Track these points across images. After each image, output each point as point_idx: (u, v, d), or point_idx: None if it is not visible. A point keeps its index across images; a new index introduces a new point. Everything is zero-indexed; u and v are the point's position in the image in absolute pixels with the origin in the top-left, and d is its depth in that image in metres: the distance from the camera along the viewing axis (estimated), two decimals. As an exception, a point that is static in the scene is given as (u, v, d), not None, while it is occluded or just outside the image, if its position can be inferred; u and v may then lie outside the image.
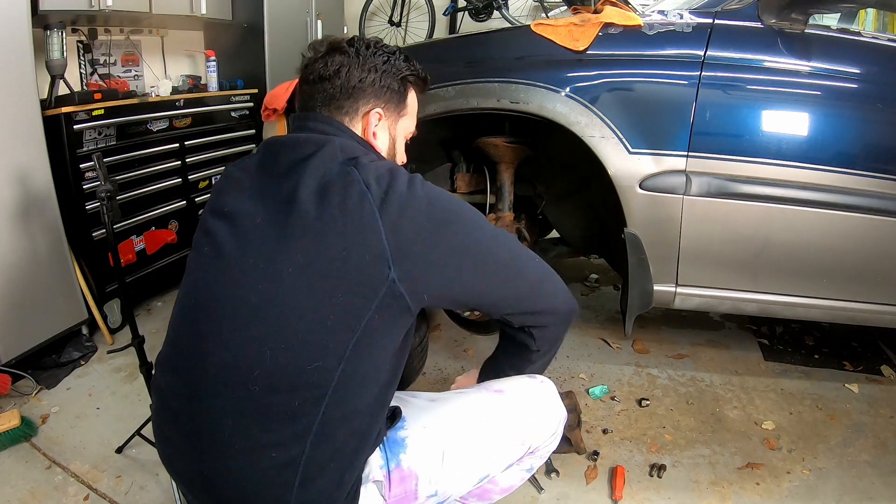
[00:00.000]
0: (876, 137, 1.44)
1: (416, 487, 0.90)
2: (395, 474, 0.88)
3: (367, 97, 0.96)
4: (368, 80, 0.96)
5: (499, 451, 0.96)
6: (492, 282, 0.88)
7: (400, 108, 1.01)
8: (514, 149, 1.73)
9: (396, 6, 4.15)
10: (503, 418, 0.98)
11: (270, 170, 0.89)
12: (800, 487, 1.41)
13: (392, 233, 0.79)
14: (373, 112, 0.97)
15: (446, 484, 0.92)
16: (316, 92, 0.95)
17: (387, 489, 0.88)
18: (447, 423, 0.95)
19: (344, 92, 0.94)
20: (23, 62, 1.68)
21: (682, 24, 1.43)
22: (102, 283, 2.06)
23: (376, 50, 0.97)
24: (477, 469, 0.95)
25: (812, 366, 1.94)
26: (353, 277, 0.78)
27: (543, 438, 1.02)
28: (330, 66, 0.94)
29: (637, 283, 1.53)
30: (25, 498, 1.35)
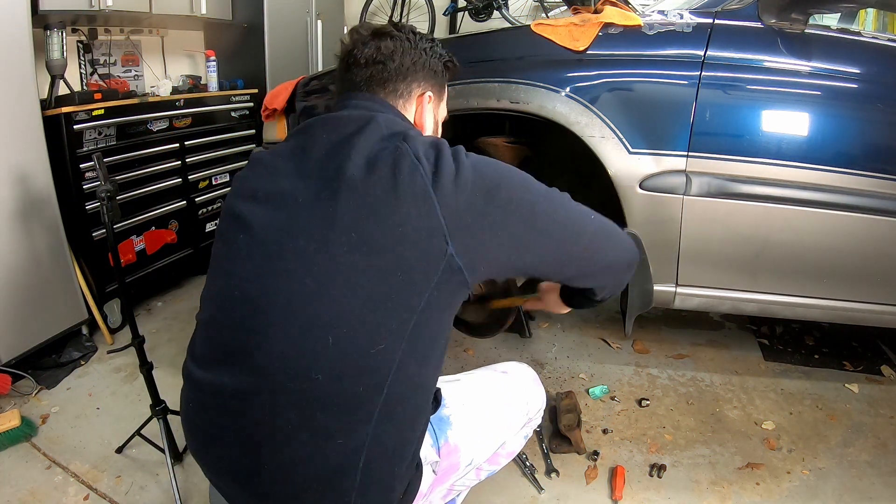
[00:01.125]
0: (876, 137, 1.44)
1: (460, 459, 0.96)
2: (444, 450, 0.94)
3: (419, 79, 0.98)
4: (420, 63, 0.98)
5: (511, 420, 1.06)
6: (548, 244, 0.86)
7: (442, 91, 1.06)
8: (514, 149, 1.73)
9: (396, 6, 4.15)
10: (512, 393, 1.08)
11: (310, 150, 0.85)
12: (800, 487, 1.41)
13: (446, 206, 0.76)
14: (426, 94, 1.00)
15: (479, 451, 1.01)
16: (369, 74, 0.94)
17: (438, 465, 0.93)
18: (477, 400, 1.03)
19: (400, 74, 0.96)
20: (23, 62, 1.68)
21: (682, 24, 1.43)
22: (102, 283, 2.06)
23: (421, 35, 1.00)
24: (499, 436, 1.04)
25: (812, 366, 1.94)
26: (411, 254, 0.75)
27: (536, 409, 1.13)
28: (384, 50, 0.94)
29: (637, 283, 1.53)
30: (25, 498, 1.35)
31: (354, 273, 0.75)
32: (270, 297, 0.78)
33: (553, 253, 0.87)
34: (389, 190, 0.76)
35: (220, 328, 0.84)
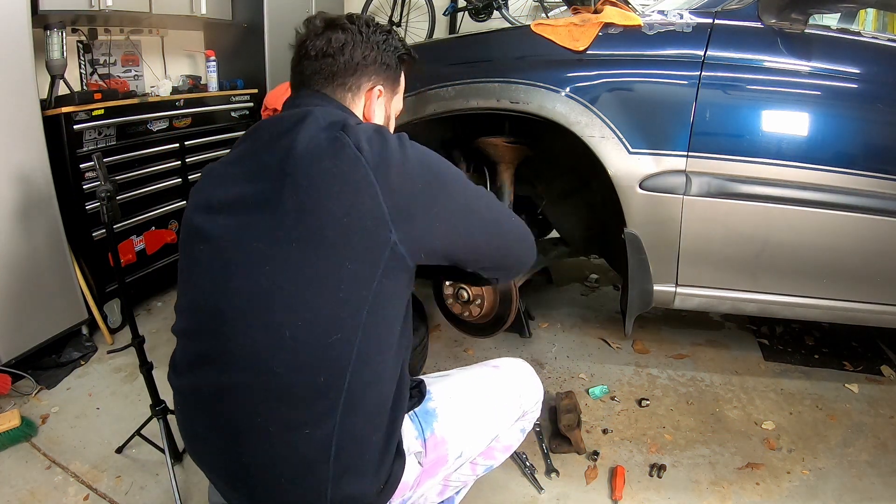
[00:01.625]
0: (876, 137, 1.44)
1: (447, 452, 0.97)
2: (429, 442, 0.95)
3: (370, 74, 0.98)
4: (371, 57, 0.97)
5: (503, 413, 1.06)
6: (478, 238, 0.91)
7: (395, 85, 1.04)
8: (513, 149, 1.73)
9: (396, 6, 4.15)
10: (503, 386, 1.08)
11: (255, 152, 0.87)
12: (800, 487, 1.41)
13: (388, 194, 0.78)
14: (375, 89, 0.99)
15: (469, 444, 1.01)
16: (318, 68, 0.95)
17: (424, 457, 0.94)
18: (465, 393, 1.04)
19: (348, 68, 0.95)
20: (23, 62, 1.68)
21: (682, 24, 1.43)
22: (102, 283, 2.06)
23: (376, 28, 0.99)
24: (490, 429, 1.04)
25: (812, 366, 1.94)
26: (358, 244, 0.78)
27: (532, 403, 1.13)
28: (334, 43, 0.94)
29: (637, 283, 1.53)
30: (25, 498, 1.35)
31: (304, 267, 0.78)
32: (231, 301, 0.81)
33: (479, 246, 0.93)
34: (332, 182, 0.77)
35: (193, 336, 0.88)
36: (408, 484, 0.91)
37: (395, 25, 4.19)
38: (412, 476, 0.92)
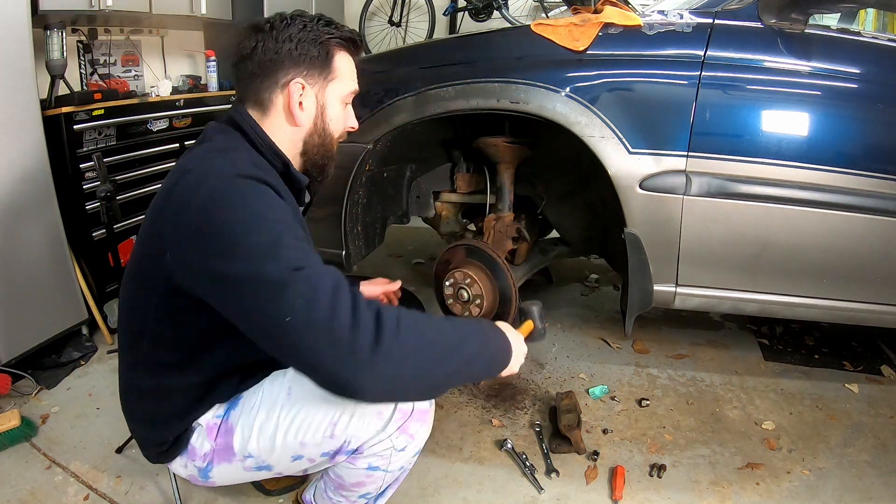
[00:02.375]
0: (876, 137, 1.44)
1: (233, 443, 0.99)
2: (222, 425, 1.00)
3: (286, 68, 0.97)
4: (284, 51, 0.96)
5: (303, 436, 0.94)
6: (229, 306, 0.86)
7: (325, 73, 1.00)
8: (513, 149, 1.73)
9: (396, 6, 4.15)
10: (312, 403, 0.94)
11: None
12: (800, 487, 1.41)
13: (170, 221, 0.85)
14: (293, 83, 0.97)
15: (257, 450, 0.97)
16: (239, 72, 0.99)
17: (212, 436, 1.00)
18: (268, 395, 1.00)
19: (262, 68, 0.97)
20: (23, 62, 1.68)
21: (682, 24, 1.43)
22: (102, 283, 2.06)
23: (291, 21, 0.98)
24: (284, 447, 0.95)
25: (812, 366, 1.94)
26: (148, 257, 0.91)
27: (365, 435, 0.93)
28: (247, 45, 0.97)
29: (637, 283, 1.53)
30: (25, 498, 1.35)
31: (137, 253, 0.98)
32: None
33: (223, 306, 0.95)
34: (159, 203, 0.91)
35: None
36: (197, 451, 1.01)
37: (395, 26, 4.19)
38: (202, 448, 1.01)
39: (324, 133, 1.03)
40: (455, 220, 2.08)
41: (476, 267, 1.70)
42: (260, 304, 0.74)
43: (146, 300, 0.92)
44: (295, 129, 1.00)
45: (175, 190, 0.86)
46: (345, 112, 1.06)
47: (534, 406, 1.71)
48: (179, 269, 0.84)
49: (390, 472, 0.99)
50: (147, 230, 0.94)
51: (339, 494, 1.06)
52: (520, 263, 1.97)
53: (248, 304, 0.75)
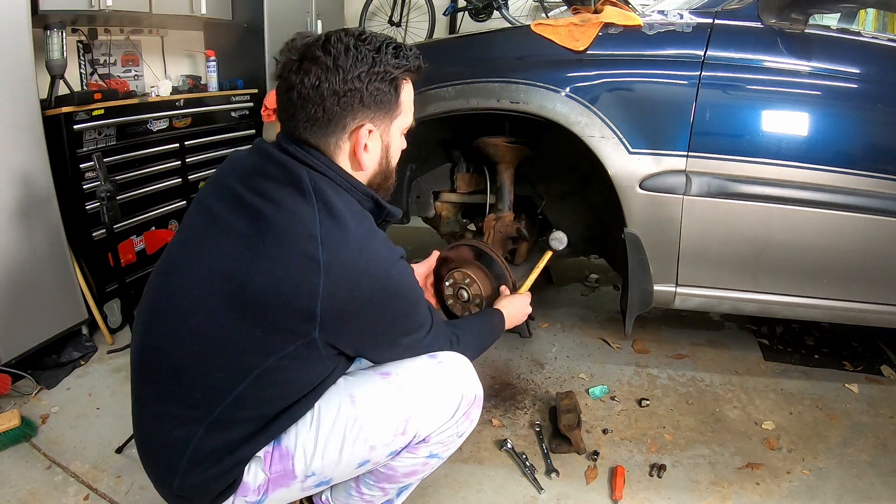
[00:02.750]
0: (876, 137, 1.44)
1: (293, 466, 0.93)
2: (275, 453, 0.93)
3: (354, 112, 0.89)
4: (354, 95, 0.87)
5: (374, 440, 0.94)
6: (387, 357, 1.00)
7: (393, 110, 0.93)
8: (513, 149, 1.73)
9: (396, 6, 4.15)
10: (380, 404, 0.95)
11: (247, 182, 0.90)
12: (800, 487, 1.41)
13: (329, 299, 0.82)
14: (363, 129, 0.90)
15: (321, 465, 0.94)
16: (296, 110, 0.89)
17: (266, 465, 0.93)
18: (326, 408, 0.95)
19: (327, 113, 0.87)
20: (23, 62, 1.68)
21: (682, 24, 1.43)
22: (102, 283, 2.06)
23: (357, 52, 0.87)
24: (352, 455, 0.94)
25: (812, 366, 1.94)
26: (277, 323, 0.83)
27: (436, 425, 0.97)
28: (307, 83, 0.86)
29: (637, 283, 1.53)
30: (25, 498, 1.35)
31: (220, 310, 0.85)
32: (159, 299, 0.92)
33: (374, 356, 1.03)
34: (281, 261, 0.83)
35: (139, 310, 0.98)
36: (250, 486, 0.94)
37: (395, 26, 4.19)
38: (255, 481, 0.94)
39: (387, 170, 0.98)
40: (455, 220, 2.08)
41: (476, 267, 1.70)
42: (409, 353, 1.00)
43: (245, 366, 0.85)
44: (359, 172, 0.94)
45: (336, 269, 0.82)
46: (401, 141, 1.01)
47: (534, 406, 1.71)
48: (348, 338, 0.89)
49: (442, 460, 1.04)
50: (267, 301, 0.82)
51: (378, 487, 1.06)
52: (520, 263, 1.97)
53: (399, 354, 0.99)
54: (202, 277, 0.86)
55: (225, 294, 0.84)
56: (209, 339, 0.86)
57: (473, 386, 1.01)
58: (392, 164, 0.99)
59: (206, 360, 0.86)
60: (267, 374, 0.85)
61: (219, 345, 0.85)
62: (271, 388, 0.88)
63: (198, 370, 0.87)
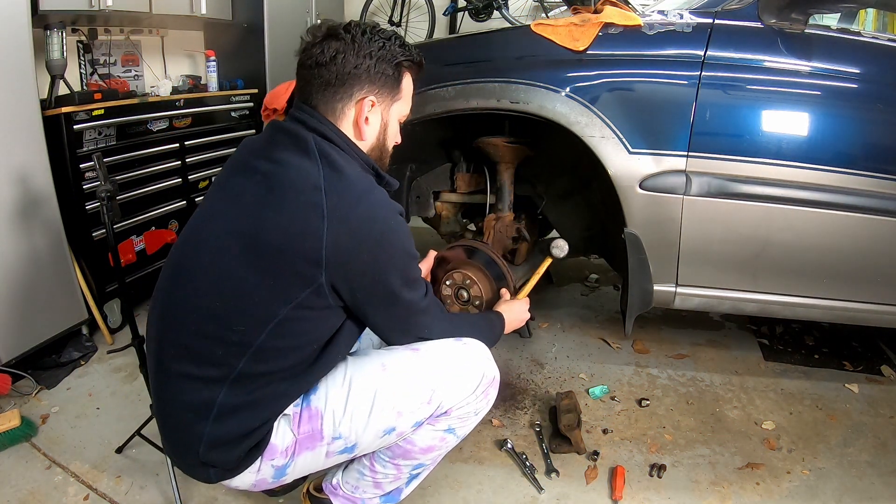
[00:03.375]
0: (876, 137, 1.44)
1: (321, 427, 0.99)
2: (304, 413, 0.99)
3: (362, 83, 1.00)
4: (363, 67, 0.99)
5: (402, 406, 1.00)
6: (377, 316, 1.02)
7: (394, 93, 1.05)
8: (513, 149, 1.73)
9: (396, 6, 4.15)
10: (409, 373, 1.02)
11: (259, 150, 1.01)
12: (800, 487, 1.41)
13: (334, 242, 0.89)
14: (367, 100, 1.01)
15: (349, 429, 0.99)
16: (312, 77, 0.99)
17: (295, 425, 0.99)
18: (356, 373, 1.02)
19: (339, 79, 0.98)
20: (23, 62, 1.68)
21: (682, 24, 1.43)
22: (102, 283, 2.06)
23: (372, 35, 1.00)
24: (379, 420, 1.00)
25: (812, 366, 1.94)
26: (287, 269, 0.90)
27: (458, 398, 1.03)
28: (326, 52, 0.98)
29: (637, 283, 1.53)
30: (25, 498, 1.35)
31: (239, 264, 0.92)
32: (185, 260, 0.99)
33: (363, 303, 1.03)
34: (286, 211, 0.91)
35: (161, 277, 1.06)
36: (277, 448, 0.98)
37: (395, 25, 4.19)
38: (283, 442, 0.98)
39: (383, 147, 1.08)
40: (455, 220, 2.08)
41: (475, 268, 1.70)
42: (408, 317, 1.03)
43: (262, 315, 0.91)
44: (360, 142, 1.04)
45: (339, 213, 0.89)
46: (398, 129, 1.11)
47: (534, 406, 1.71)
48: (349, 281, 0.93)
49: (458, 438, 1.09)
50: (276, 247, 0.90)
51: (392, 464, 1.08)
52: (520, 263, 1.97)
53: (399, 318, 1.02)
54: (219, 236, 0.94)
55: (240, 249, 0.91)
56: (228, 292, 0.92)
57: (493, 368, 1.08)
58: (388, 144, 1.10)
59: (225, 314, 0.92)
60: (283, 325, 0.91)
61: (236, 296, 0.92)
62: (289, 339, 0.93)
63: (219, 325, 0.92)
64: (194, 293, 0.95)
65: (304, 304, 0.91)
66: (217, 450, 0.95)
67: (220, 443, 0.95)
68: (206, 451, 0.95)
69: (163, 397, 1.00)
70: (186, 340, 0.95)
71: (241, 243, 0.92)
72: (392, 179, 1.10)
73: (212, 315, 0.93)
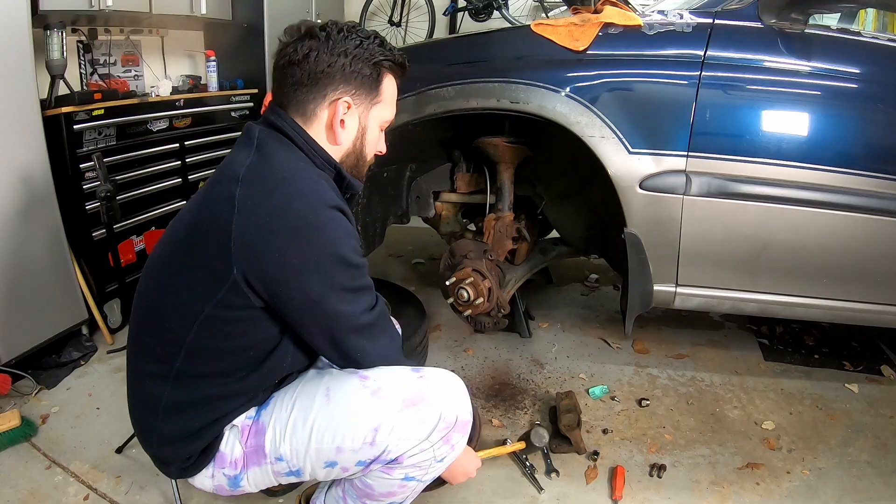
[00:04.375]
0: (876, 137, 1.44)
1: (265, 443, 0.96)
2: (253, 426, 0.97)
3: (336, 83, 0.95)
4: (337, 65, 0.94)
5: (341, 441, 0.91)
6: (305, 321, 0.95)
7: (373, 95, 0.99)
8: (513, 149, 1.73)
9: (396, 6, 4.15)
10: (352, 406, 0.92)
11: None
12: (800, 487, 1.41)
13: (241, 235, 0.84)
14: (341, 101, 0.95)
15: (290, 452, 0.94)
16: (285, 77, 0.95)
17: (244, 437, 0.97)
18: (303, 395, 0.97)
19: (312, 77, 0.94)
20: (23, 62, 1.68)
21: (682, 24, 1.43)
22: (102, 283, 2.06)
23: (348, 34, 0.95)
24: (319, 451, 0.92)
25: (812, 366, 1.94)
26: (201, 262, 0.88)
27: (408, 444, 0.91)
28: (300, 51, 0.94)
29: (637, 283, 1.53)
30: (25, 498, 1.35)
31: (167, 260, 0.95)
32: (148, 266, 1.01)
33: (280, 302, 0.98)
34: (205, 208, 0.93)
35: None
36: (227, 458, 0.97)
37: (395, 25, 4.19)
38: (232, 453, 0.97)
39: (360, 154, 1.02)
40: (455, 220, 2.08)
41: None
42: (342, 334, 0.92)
43: (189, 313, 0.89)
44: (333, 146, 0.99)
45: (249, 203, 0.84)
46: (379, 136, 1.05)
47: (534, 406, 1.71)
48: (260, 278, 0.86)
49: (423, 483, 0.98)
50: (198, 240, 0.89)
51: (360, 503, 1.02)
52: (520, 263, 1.97)
53: (327, 326, 0.91)
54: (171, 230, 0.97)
55: (173, 243, 0.95)
56: (162, 287, 0.94)
57: (457, 408, 0.95)
58: (366, 151, 1.03)
59: (161, 311, 0.94)
60: (209, 323, 0.89)
61: (167, 292, 0.93)
62: (219, 340, 0.92)
63: (156, 322, 0.95)
64: (146, 288, 0.98)
65: (224, 302, 0.87)
66: (168, 447, 0.97)
67: (170, 440, 0.96)
68: (158, 446, 0.98)
69: (129, 391, 1.02)
70: (140, 335, 0.98)
71: (173, 238, 0.95)
72: (355, 181, 1.02)
73: (154, 310, 0.95)
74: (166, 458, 0.99)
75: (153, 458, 1.03)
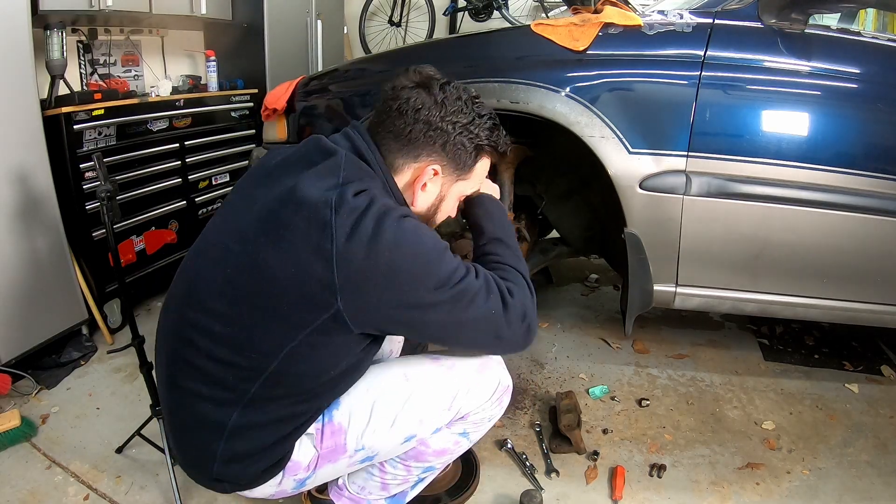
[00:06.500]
0: (876, 137, 1.44)
1: (345, 441, 0.97)
2: (326, 428, 0.97)
3: (432, 147, 0.94)
4: (441, 132, 0.93)
5: (424, 414, 0.99)
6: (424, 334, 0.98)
7: (463, 171, 0.99)
8: (514, 149, 1.73)
9: (396, 6, 4.16)
10: (432, 382, 1.00)
11: (285, 164, 0.95)
12: (800, 487, 1.41)
13: (344, 266, 0.80)
14: (429, 167, 0.95)
15: (372, 440, 0.98)
16: (387, 120, 0.94)
17: (318, 441, 0.97)
18: (378, 385, 0.99)
19: (413, 134, 0.93)
20: (23, 62, 1.68)
21: (682, 24, 1.43)
22: (102, 283, 2.06)
23: (465, 106, 0.95)
24: (401, 429, 0.98)
25: (812, 366, 1.94)
26: (298, 296, 0.83)
27: (475, 404, 1.02)
28: (412, 103, 0.92)
29: (637, 283, 1.53)
30: (25, 498, 1.35)
31: (253, 285, 0.86)
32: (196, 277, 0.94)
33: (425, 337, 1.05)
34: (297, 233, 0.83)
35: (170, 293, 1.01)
36: (300, 464, 0.97)
37: (394, 25, 4.19)
38: (306, 458, 0.97)
39: (430, 219, 1.03)
40: (455, 220, 2.08)
41: None
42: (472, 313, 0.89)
43: (272, 340, 0.86)
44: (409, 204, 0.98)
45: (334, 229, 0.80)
46: (454, 206, 1.06)
47: (534, 406, 1.71)
48: (372, 313, 0.85)
49: (470, 443, 1.08)
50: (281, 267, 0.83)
51: (403, 466, 1.07)
52: (520, 263, 1.97)
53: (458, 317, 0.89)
54: (223, 247, 0.90)
55: (253, 268, 0.86)
56: (244, 316, 0.87)
57: (507, 376, 1.08)
58: (436, 218, 1.03)
59: (237, 341, 0.88)
60: (296, 351, 0.86)
61: (253, 320, 0.86)
62: (303, 366, 0.88)
63: (231, 351, 0.88)
64: (205, 315, 0.89)
65: (320, 329, 0.85)
66: (233, 465, 0.93)
67: (237, 459, 0.92)
68: (221, 467, 0.93)
69: (174, 411, 0.97)
70: (198, 362, 0.90)
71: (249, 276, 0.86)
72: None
73: (224, 340, 0.88)
74: (228, 477, 0.95)
75: (204, 480, 0.98)
